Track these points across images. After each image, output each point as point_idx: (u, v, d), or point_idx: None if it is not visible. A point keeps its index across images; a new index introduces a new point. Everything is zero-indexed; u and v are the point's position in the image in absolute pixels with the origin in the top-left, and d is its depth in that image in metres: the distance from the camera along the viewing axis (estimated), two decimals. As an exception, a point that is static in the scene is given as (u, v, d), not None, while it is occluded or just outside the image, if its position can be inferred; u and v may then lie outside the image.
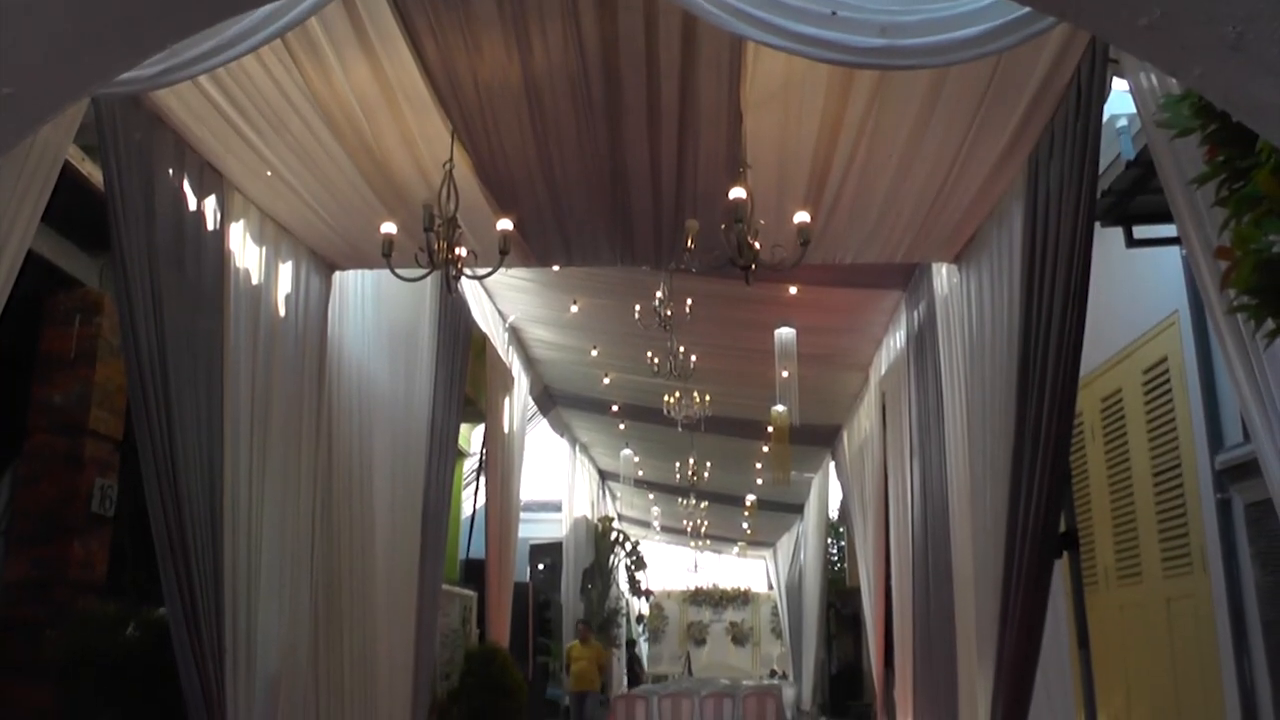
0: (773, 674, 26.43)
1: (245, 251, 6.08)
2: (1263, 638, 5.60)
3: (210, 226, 5.69)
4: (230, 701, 5.49)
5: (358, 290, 7.79)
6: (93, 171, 5.82)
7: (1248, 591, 5.76)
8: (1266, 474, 3.14)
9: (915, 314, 8.90)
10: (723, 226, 5.11)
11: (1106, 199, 5.82)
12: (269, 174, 5.91)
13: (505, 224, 5.37)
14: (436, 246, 5.19)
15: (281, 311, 6.43)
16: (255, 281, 6.13)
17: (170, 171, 5.33)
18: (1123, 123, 5.81)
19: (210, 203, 5.70)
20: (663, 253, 7.18)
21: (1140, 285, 6.93)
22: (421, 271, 5.38)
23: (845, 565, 21.03)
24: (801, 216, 5.10)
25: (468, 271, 5.58)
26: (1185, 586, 6.47)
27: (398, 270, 5.50)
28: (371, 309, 8.05)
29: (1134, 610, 7.17)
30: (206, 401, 5.45)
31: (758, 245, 5.00)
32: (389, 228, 5.36)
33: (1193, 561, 6.36)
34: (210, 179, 5.71)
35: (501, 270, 9.29)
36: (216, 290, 5.69)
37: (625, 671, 24.28)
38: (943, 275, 7.68)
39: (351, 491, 7.48)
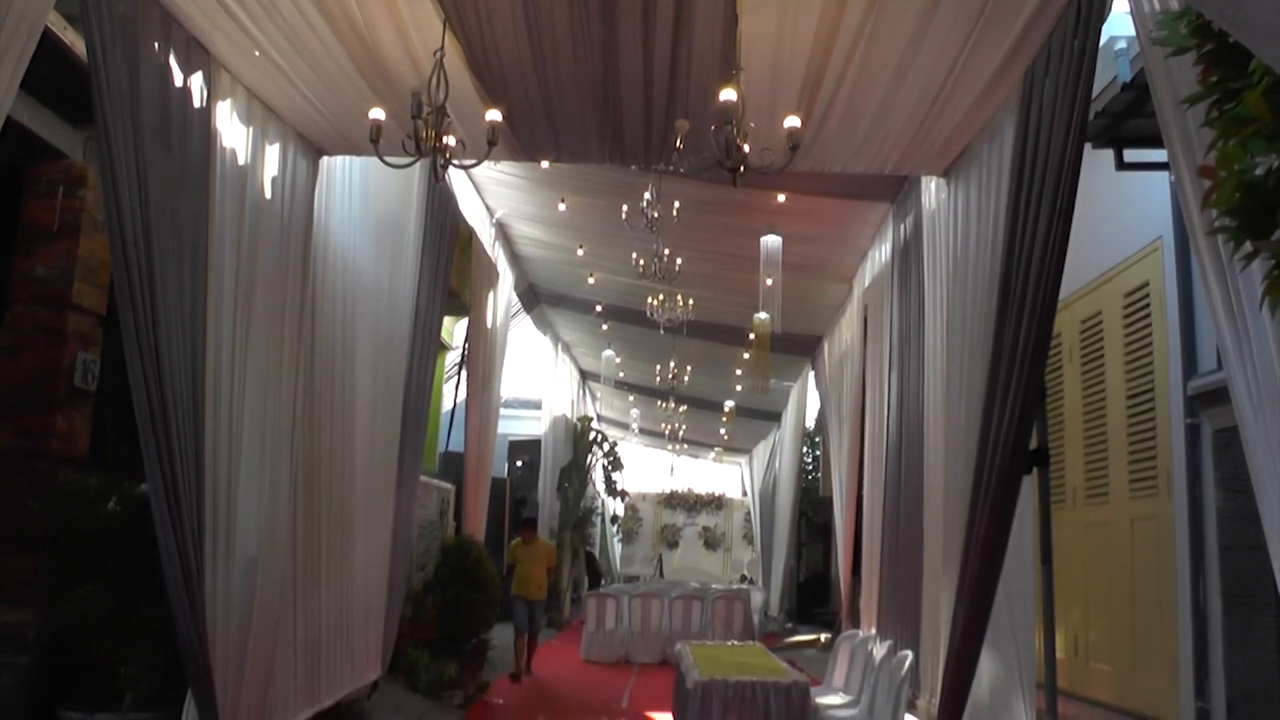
0: (742, 579, 26.89)
1: (231, 131, 6.00)
2: (1219, 561, 5.75)
3: (196, 104, 5.60)
4: (209, 579, 5.56)
5: (345, 177, 7.73)
6: (75, 41, 5.72)
7: (1209, 515, 5.89)
8: (1235, 398, 3.19)
9: (902, 227, 8.90)
10: (712, 128, 5.07)
11: (1100, 120, 5.82)
12: (257, 54, 5.82)
13: (494, 115, 5.31)
14: (424, 134, 5.14)
15: (267, 194, 6.37)
16: (241, 162, 6.07)
17: (156, 45, 5.23)
18: (1121, 45, 5.79)
19: (196, 80, 5.61)
20: (652, 152, 7.14)
21: (1127, 210, 6.95)
22: (409, 159, 5.33)
23: (819, 475, 21.31)
24: (792, 122, 5.07)
25: (455, 161, 5.53)
26: (1149, 508, 6.61)
27: (385, 157, 5.45)
28: (359, 197, 7.99)
29: (1098, 529, 7.33)
30: (190, 280, 5.43)
31: (746, 148, 4.97)
32: (377, 114, 5.29)
33: (1159, 484, 6.49)
34: (197, 55, 5.61)
35: (490, 164, 9.28)
36: (202, 169, 5.63)
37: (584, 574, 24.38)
38: (931, 190, 7.67)
39: (333, 378, 7.51)
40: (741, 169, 4.99)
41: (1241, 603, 5.45)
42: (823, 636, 16.54)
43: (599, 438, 22.00)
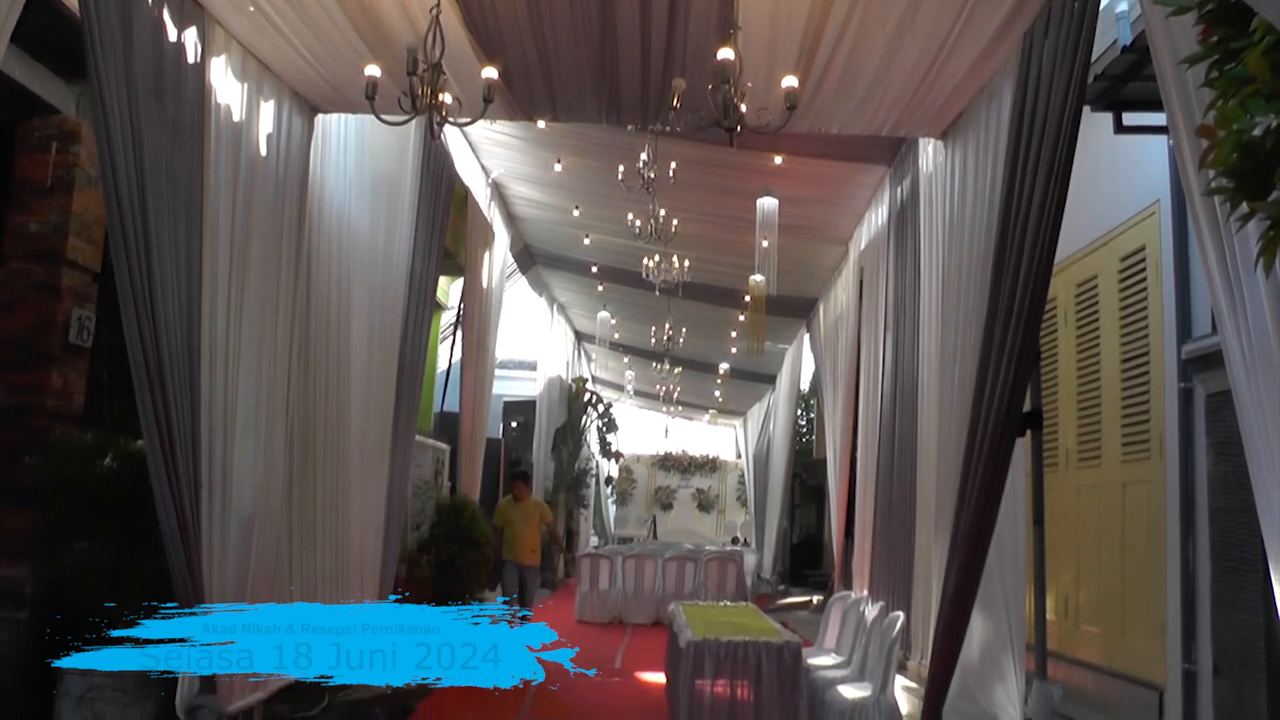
0: (735, 541, 27.00)
1: (226, 88, 5.97)
2: (1208, 524, 5.78)
3: (191, 59, 5.57)
4: (205, 535, 5.60)
5: (340, 136, 7.70)
6: (66, -7, 5.67)
7: (1200, 479, 5.92)
8: (1228, 360, 3.20)
9: (899, 190, 8.89)
10: (710, 87, 5.05)
11: (1099, 83, 5.79)
12: (252, 9, 5.77)
13: (490, 72, 5.28)
14: (420, 92, 5.11)
15: (263, 151, 6.35)
16: (236, 119, 6.04)
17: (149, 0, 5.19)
18: (1122, 7, 5.76)
19: (190, 35, 5.57)
20: (649, 111, 7.11)
21: (1124, 174, 6.93)
22: (404, 117, 5.30)
23: (813, 437, 21.37)
24: (790, 81, 5.04)
25: (451, 119, 5.49)
26: (1141, 472, 6.64)
27: (381, 115, 5.43)
28: (354, 156, 7.96)
29: (1090, 492, 7.37)
30: (186, 237, 5.42)
31: (744, 108, 4.95)
32: (373, 71, 5.26)
33: (1151, 448, 6.52)
34: (191, 10, 5.57)
35: (486, 124, 9.20)
36: (197, 125, 5.60)
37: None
38: (929, 152, 7.66)
39: (328, 336, 7.51)
40: (738, 129, 4.97)
41: (1230, 566, 5.49)
42: (815, 598, 16.65)
43: (594, 399, 22.01)
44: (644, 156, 9.07)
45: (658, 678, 9.98)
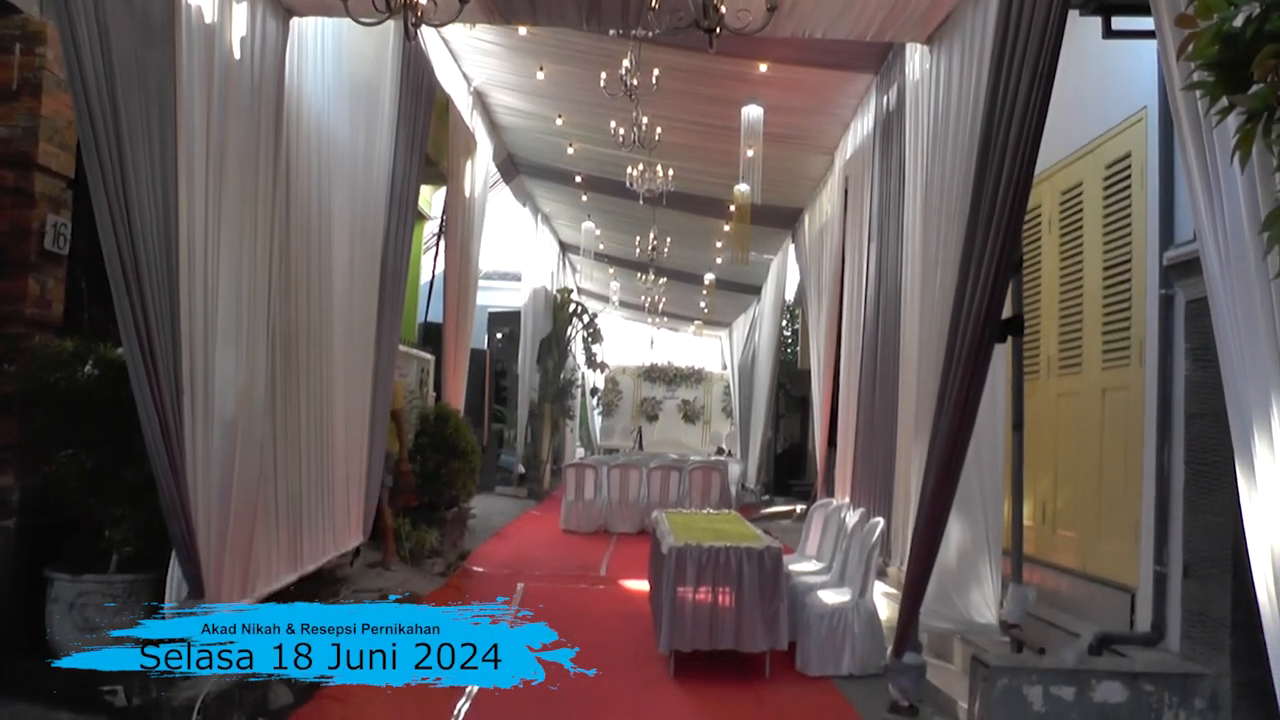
0: (720, 452, 27.23)
1: (196, -14, 5.83)
2: (1184, 429, 5.83)
3: (157, -44, 5.43)
4: (189, 440, 5.60)
5: (317, 41, 7.55)
6: (26, -113, 5.50)
7: (1178, 385, 5.96)
8: (1204, 258, 3.20)
9: (885, 98, 8.80)
10: (690, -12, 4.97)
11: (1088, -15, 5.70)
12: (222, -95, 5.63)
13: (468, -29, 5.17)
14: (395, -9, 5.00)
15: (237, 54, 6.21)
16: (209, 20, 5.90)
17: (111, -107, 5.04)
18: (1112, -94, 5.65)
19: (158, -68, 5.43)
20: (629, 14, 6.99)
21: (1112, 81, 6.86)
22: (379, 17, 5.19)
23: (798, 348, 21.44)
24: (772, -19, 4.97)
25: (427, 20, 5.38)
26: (1121, 378, 6.68)
27: (356, 17, 5.31)
28: (331, 62, 7.82)
29: (1070, 399, 7.42)
30: (159, 141, 5.33)
31: (723, 9, 4.88)
32: (347, -31, 5.14)
33: (1131, 355, 6.55)
34: (158, -94, 5.42)
35: (466, 30, 9.04)
36: (166, 27, 5.47)
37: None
38: (915, 59, 7.56)
39: (309, 242, 7.45)
40: (718, 30, 4.90)
41: (1203, 470, 5.55)
42: (798, 508, 16.85)
43: (579, 310, 21.98)
44: (626, 64, 8.95)
45: (641, 585, 10.13)
